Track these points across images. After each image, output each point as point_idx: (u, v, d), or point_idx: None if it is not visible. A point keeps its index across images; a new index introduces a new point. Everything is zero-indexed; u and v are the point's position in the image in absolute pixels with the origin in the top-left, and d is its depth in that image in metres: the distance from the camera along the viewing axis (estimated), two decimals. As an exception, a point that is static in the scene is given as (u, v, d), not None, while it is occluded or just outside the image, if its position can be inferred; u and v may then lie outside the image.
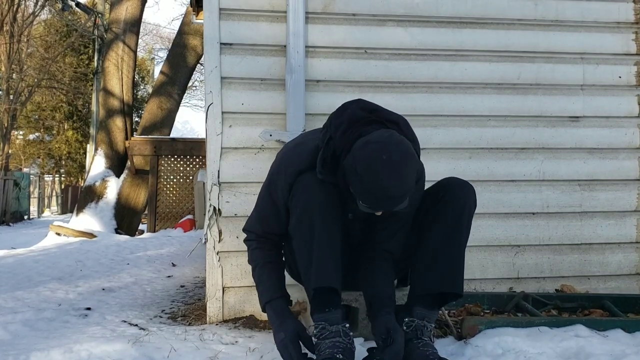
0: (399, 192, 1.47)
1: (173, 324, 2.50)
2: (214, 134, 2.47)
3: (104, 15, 14.32)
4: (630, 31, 2.80)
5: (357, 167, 1.49)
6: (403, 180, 1.47)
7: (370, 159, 1.47)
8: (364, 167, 1.48)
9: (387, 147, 1.48)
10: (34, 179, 22.48)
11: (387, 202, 1.50)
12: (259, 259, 1.82)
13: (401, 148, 1.50)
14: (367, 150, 1.49)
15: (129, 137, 8.46)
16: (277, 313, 1.73)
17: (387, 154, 1.47)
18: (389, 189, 1.46)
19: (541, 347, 1.85)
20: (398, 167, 1.46)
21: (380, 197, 1.49)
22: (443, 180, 1.87)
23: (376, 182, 1.46)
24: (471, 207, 1.80)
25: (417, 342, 1.70)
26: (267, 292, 1.77)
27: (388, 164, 1.45)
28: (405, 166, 1.48)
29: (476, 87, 2.68)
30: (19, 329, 2.40)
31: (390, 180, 1.45)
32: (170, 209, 8.23)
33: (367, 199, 1.51)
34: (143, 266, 4.42)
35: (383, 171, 1.45)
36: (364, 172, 1.48)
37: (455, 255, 1.76)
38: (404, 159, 1.48)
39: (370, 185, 1.48)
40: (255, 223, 1.86)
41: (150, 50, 27.16)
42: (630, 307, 2.45)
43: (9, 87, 17.50)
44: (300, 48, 2.49)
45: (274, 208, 1.78)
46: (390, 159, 1.46)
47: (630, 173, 2.78)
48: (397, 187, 1.47)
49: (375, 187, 1.47)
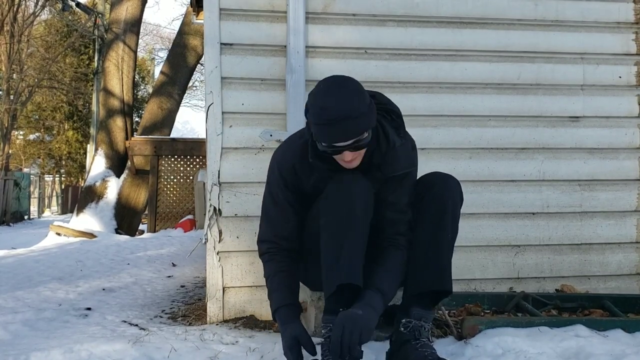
0: (338, 112, 1.52)
1: (173, 324, 2.50)
2: (215, 134, 2.47)
3: (104, 16, 14.32)
4: (631, 31, 2.80)
5: (307, 106, 1.61)
6: (340, 100, 1.53)
7: (314, 92, 1.60)
8: (309, 102, 1.60)
9: (327, 80, 1.60)
10: (34, 179, 22.49)
11: (334, 128, 1.54)
12: (271, 270, 1.81)
13: (340, 80, 1.59)
14: (313, 89, 1.61)
15: (129, 137, 8.46)
16: (281, 321, 1.72)
17: (325, 84, 1.59)
18: (327, 110, 1.53)
19: (541, 347, 1.85)
20: (334, 91, 1.55)
21: (324, 123, 1.54)
22: (427, 176, 1.84)
23: (316, 106, 1.56)
24: (456, 201, 1.77)
25: (415, 342, 1.69)
26: (274, 302, 1.76)
27: (325, 90, 1.57)
28: (341, 89, 1.56)
29: (476, 87, 2.68)
30: (19, 329, 2.40)
31: (327, 102, 1.54)
32: (171, 209, 8.23)
33: (318, 132, 1.58)
34: (143, 266, 4.43)
35: (321, 97, 1.56)
36: (310, 106, 1.59)
37: (442, 253, 1.74)
38: (341, 85, 1.57)
39: (314, 115, 1.57)
40: (266, 230, 1.85)
41: (151, 50, 27.19)
42: (631, 307, 2.45)
43: (10, 87, 17.50)
44: (301, 48, 2.49)
45: (278, 209, 1.80)
46: (327, 87, 1.58)
47: (631, 173, 2.78)
48: (334, 108, 1.52)
49: (318, 113, 1.55)
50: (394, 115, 1.74)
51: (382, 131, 1.70)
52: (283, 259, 1.81)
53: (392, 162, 1.71)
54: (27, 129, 24.86)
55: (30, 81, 19.16)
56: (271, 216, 1.83)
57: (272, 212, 1.82)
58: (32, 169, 25.54)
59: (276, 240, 1.82)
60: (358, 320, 1.54)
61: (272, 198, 1.81)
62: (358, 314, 1.56)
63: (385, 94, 2.57)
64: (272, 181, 1.81)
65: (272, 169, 1.81)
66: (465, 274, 2.64)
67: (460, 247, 2.60)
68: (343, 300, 1.66)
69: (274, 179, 1.80)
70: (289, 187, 1.78)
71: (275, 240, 1.82)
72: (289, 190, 1.78)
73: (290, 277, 1.80)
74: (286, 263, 1.81)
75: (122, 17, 8.77)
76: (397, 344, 1.74)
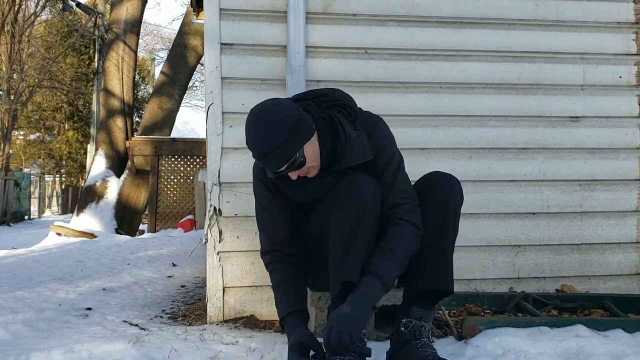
0: (260, 149, 1.62)
1: (173, 324, 2.50)
2: (215, 134, 2.47)
3: (105, 16, 14.32)
4: (631, 31, 2.80)
5: None
6: (258, 136, 1.61)
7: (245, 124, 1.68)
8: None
9: (250, 114, 1.66)
10: (35, 179, 22.50)
11: (263, 161, 1.65)
12: (275, 280, 1.83)
13: (259, 112, 1.65)
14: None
15: (129, 137, 8.47)
16: (288, 328, 1.73)
17: (248, 119, 1.66)
18: (251, 147, 1.64)
19: (541, 347, 1.85)
20: (253, 127, 1.63)
21: (255, 157, 1.67)
22: (427, 175, 1.83)
23: (246, 142, 1.66)
24: (457, 201, 1.76)
25: (416, 342, 1.69)
26: (280, 312, 1.78)
27: (247, 127, 1.65)
28: (258, 124, 1.62)
29: (476, 87, 2.68)
30: (20, 329, 2.40)
31: (249, 139, 1.63)
32: (171, 209, 8.24)
33: (259, 163, 1.71)
34: (143, 266, 4.43)
35: (246, 134, 1.65)
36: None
37: (443, 252, 1.74)
38: (258, 119, 1.63)
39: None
40: (264, 241, 1.87)
41: (151, 50, 27.20)
42: (631, 307, 2.45)
43: (10, 88, 17.50)
44: (301, 48, 2.49)
45: (270, 217, 1.83)
46: (248, 123, 1.65)
47: (631, 173, 2.78)
48: (255, 145, 1.62)
49: (249, 148, 1.65)
50: (349, 110, 1.77)
51: (340, 125, 1.73)
52: (285, 266, 1.82)
53: (349, 154, 1.72)
54: (27, 129, 24.87)
55: (31, 81, 19.16)
56: (265, 225, 1.85)
57: (265, 222, 1.85)
58: (32, 169, 25.55)
59: (276, 248, 1.83)
60: (345, 318, 1.53)
61: (261, 207, 1.85)
62: (346, 313, 1.54)
63: (386, 94, 2.60)
64: (257, 192, 1.86)
65: (254, 180, 1.86)
66: (465, 274, 2.64)
67: (460, 247, 2.60)
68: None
69: (258, 190, 1.86)
70: (273, 193, 1.82)
71: (275, 248, 1.83)
72: (275, 196, 1.82)
73: (293, 284, 1.80)
74: (288, 271, 1.81)
75: (122, 17, 8.77)
76: (397, 344, 1.74)
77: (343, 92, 1.84)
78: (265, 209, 1.84)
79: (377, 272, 1.60)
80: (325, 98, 1.79)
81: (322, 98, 1.79)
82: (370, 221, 1.64)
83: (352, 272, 1.60)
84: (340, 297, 1.62)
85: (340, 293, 1.61)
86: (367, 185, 1.66)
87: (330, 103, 1.78)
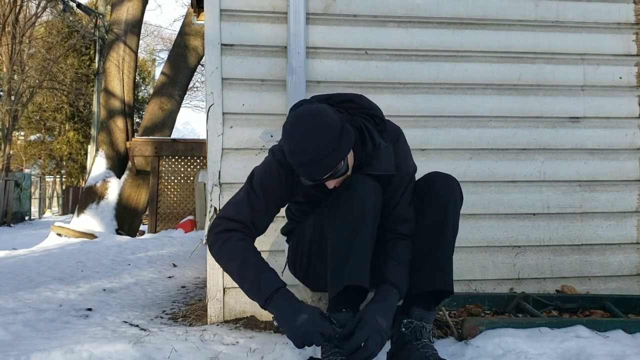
0: (307, 155, 1.55)
1: (174, 324, 2.50)
2: (215, 134, 2.47)
3: (105, 17, 14.34)
4: (631, 32, 2.80)
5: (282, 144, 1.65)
6: (306, 142, 1.54)
7: (285, 129, 1.62)
8: (282, 138, 1.64)
9: (294, 118, 1.60)
10: (35, 179, 22.50)
11: (307, 169, 1.58)
12: (250, 250, 1.68)
13: (305, 117, 1.59)
14: (285, 123, 1.64)
15: (130, 137, 8.48)
16: (290, 300, 1.62)
17: (292, 123, 1.60)
18: (296, 154, 1.56)
19: (542, 348, 1.85)
20: (300, 133, 1.56)
21: (297, 165, 1.59)
22: (427, 176, 1.83)
23: (287, 149, 1.59)
24: (456, 201, 1.76)
25: (417, 343, 1.69)
26: (274, 281, 1.64)
27: (291, 132, 1.58)
28: (307, 129, 1.56)
29: (477, 87, 2.68)
30: (20, 330, 2.40)
31: (295, 145, 1.56)
32: (171, 210, 8.24)
33: (296, 169, 1.62)
34: (144, 267, 4.43)
35: (289, 139, 1.58)
36: (283, 144, 1.63)
37: (443, 252, 1.74)
38: (307, 124, 1.57)
39: (288, 156, 1.61)
40: (244, 213, 1.72)
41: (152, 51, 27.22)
42: (631, 308, 2.45)
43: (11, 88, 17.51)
44: (301, 49, 2.49)
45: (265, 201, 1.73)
46: (293, 127, 1.58)
47: (631, 174, 2.78)
48: (302, 151, 1.55)
49: (289, 156, 1.59)
50: (377, 120, 1.76)
51: (368, 133, 1.72)
52: (252, 241, 1.73)
53: (375, 164, 1.71)
54: (28, 130, 24.90)
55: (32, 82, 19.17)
56: (255, 205, 1.73)
57: (260, 202, 1.73)
58: (33, 170, 25.57)
59: (250, 227, 1.73)
60: (382, 334, 1.57)
61: (262, 187, 1.74)
62: (383, 328, 1.57)
63: (386, 95, 2.60)
64: (268, 174, 1.75)
65: (272, 163, 1.76)
66: (465, 274, 2.64)
67: (460, 248, 2.61)
68: (348, 301, 1.67)
69: (270, 172, 1.75)
70: (282, 184, 1.75)
71: (250, 226, 1.73)
72: (282, 186, 1.75)
73: (263, 259, 1.70)
74: (254, 247, 1.71)
75: (122, 18, 8.78)
76: (398, 345, 1.74)
77: (369, 100, 1.80)
78: (266, 193, 1.73)
79: (398, 285, 1.67)
80: (352, 104, 1.75)
81: (348, 104, 1.75)
82: (370, 223, 1.65)
83: (354, 275, 1.60)
84: (339, 298, 1.62)
85: (339, 295, 1.62)
86: (367, 188, 1.66)
87: (357, 110, 1.74)
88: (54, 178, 27.66)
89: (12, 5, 16.42)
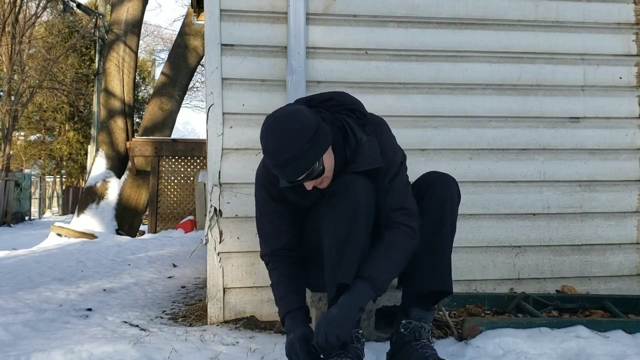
0: (281, 156, 1.56)
1: (174, 324, 2.50)
2: (215, 134, 2.47)
3: (105, 17, 14.34)
4: (631, 32, 2.80)
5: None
6: (280, 143, 1.56)
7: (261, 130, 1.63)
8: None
9: (268, 120, 1.61)
10: (35, 179, 22.50)
11: (282, 170, 1.59)
12: (275, 277, 1.82)
13: (279, 117, 1.60)
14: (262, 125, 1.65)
15: (130, 137, 8.48)
16: (293, 320, 1.72)
17: (266, 125, 1.61)
18: (270, 155, 1.58)
19: (542, 348, 1.85)
20: (273, 134, 1.58)
21: (273, 166, 1.60)
22: (424, 175, 1.83)
23: (263, 150, 1.61)
24: (454, 200, 1.76)
25: (416, 343, 1.69)
26: (280, 311, 1.77)
27: (265, 133, 1.60)
28: (280, 130, 1.57)
29: (477, 88, 2.68)
30: (20, 330, 2.40)
31: (269, 146, 1.58)
32: (171, 210, 8.24)
33: (273, 171, 1.63)
34: (144, 267, 4.43)
35: (264, 140, 1.60)
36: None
37: (441, 252, 1.74)
38: (279, 125, 1.58)
39: (265, 157, 1.62)
40: (264, 247, 1.86)
41: (152, 51, 27.22)
42: (631, 308, 2.45)
43: (11, 88, 17.52)
44: (301, 49, 2.49)
45: (272, 225, 1.82)
46: (267, 129, 1.60)
47: (631, 174, 2.78)
48: (276, 152, 1.56)
49: (265, 156, 1.61)
50: (358, 114, 1.75)
51: (350, 129, 1.71)
52: (285, 264, 1.82)
53: (359, 160, 1.70)
54: (28, 130, 24.90)
55: (32, 82, 19.18)
56: (267, 232, 1.84)
57: (267, 228, 1.83)
58: (33, 170, 25.58)
59: (281, 252, 1.83)
60: (332, 320, 1.57)
61: (263, 215, 1.84)
62: (333, 314, 1.58)
63: (386, 95, 2.60)
64: (259, 198, 1.84)
65: (258, 188, 1.84)
66: (465, 274, 2.64)
67: (460, 248, 2.61)
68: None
69: (260, 196, 1.83)
70: (276, 200, 1.79)
71: (280, 253, 1.83)
72: (277, 202, 1.80)
73: (294, 281, 1.80)
74: (288, 268, 1.81)
75: (122, 18, 8.79)
76: (397, 345, 1.74)
77: (351, 96, 1.81)
78: (268, 218, 1.82)
79: (368, 276, 1.62)
80: (334, 102, 1.76)
81: (330, 102, 1.76)
82: (364, 222, 1.64)
83: (346, 274, 1.61)
84: (337, 299, 1.63)
85: (336, 295, 1.63)
86: (360, 187, 1.65)
87: (339, 107, 1.75)
88: (54, 178, 27.68)
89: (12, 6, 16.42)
